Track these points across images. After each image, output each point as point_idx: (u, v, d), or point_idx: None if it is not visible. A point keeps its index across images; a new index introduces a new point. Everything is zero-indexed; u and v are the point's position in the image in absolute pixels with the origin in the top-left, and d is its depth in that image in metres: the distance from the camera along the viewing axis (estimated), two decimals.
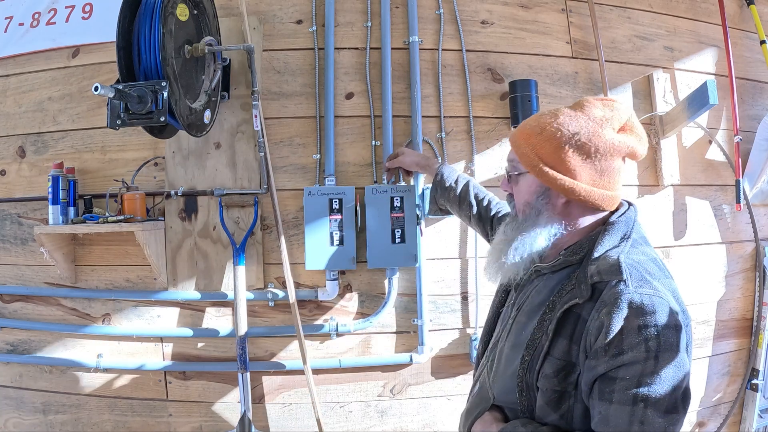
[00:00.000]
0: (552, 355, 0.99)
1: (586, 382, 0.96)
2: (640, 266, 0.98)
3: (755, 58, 2.37)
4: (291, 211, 2.03)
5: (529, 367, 1.03)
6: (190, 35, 1.73)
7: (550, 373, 0.99)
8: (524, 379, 1.03)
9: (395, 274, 1.99)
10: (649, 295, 0.93)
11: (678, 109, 2.08)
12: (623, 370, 0.90)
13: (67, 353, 2.08)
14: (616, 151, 1.04)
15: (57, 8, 2.10)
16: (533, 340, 1.03)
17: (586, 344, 0.96)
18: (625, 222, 1.06)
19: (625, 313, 0.91)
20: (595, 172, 1.04)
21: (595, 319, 0.94)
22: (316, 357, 2.02)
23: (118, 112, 1.54)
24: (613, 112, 1.05)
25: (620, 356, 0.90)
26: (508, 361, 1.09)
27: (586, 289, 0.98)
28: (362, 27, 2.08)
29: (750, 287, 2.31)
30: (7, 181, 2.14)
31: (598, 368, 0.93)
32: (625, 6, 2.22)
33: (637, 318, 0.90)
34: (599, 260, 1.00)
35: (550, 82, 2.12)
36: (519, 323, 1.11)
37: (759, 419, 2.26)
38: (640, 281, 0.95)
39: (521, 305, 1.14)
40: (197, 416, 2.04)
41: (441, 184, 1.75)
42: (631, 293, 0.92)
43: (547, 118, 1.08)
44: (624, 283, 0.94)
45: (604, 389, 0.92)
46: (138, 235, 1.84)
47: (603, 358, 0.92)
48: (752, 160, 2.24)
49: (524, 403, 1.04)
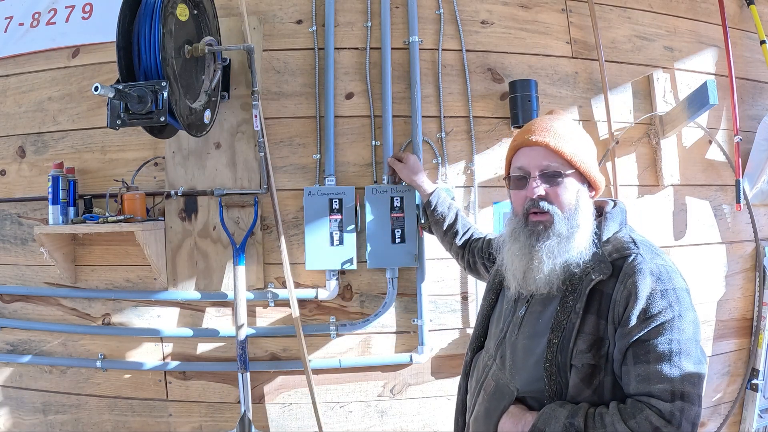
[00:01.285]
0: (583, 331, 1.06)
1: (620, 349, 1.04)
2: (646, 243, 1.12)
3: (755, 58, 2.37)
4: (291, 211, 2.03)
5: (560, 348, 1.08)
6: (190, 35, 1.73)
7: (584, 348, 1.05)
8: (554, 362, 1.08)
9: (395, 274, 1.99)
10: (662, 264, 1.06)
11: (678, 109, 2.08)
12: (654, 332, 1.00)
13: (67, 353, 2.08)
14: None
15: (57, 8, 2.10)
16: (558, 322, 1.09)
17: (614, 315, 1.05)
18: (620, 212, 1.20)
19: (648, 280, 1.03)
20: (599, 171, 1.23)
21: (621, 290, 1.04)
22: (316, 357, 2.02)
23: (118, 112, 1.54)
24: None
25: (651, 320, 1.00)
26: (528, 351, 1.14)
27: (606, 266, 1.08)
28: (362, 27, 2.08)
29: (750, 287, 2.31)
30: (7, 181, 2.14)
31: (632, 334, 1.02)
32: (625, 6, 2.22)
33: (659, 283, 1.03)
34: (611, 241, 1.13)
35: (550, 82, 2.12)
36: (533, 313, 1.17)
37: (759, 419, 2.26)
38: (652, 254, 1.08)
39: (529, 297, 1.20)
40: (197, 416, 2.04)
41: (431, 212, 1.81)
42: (648, 263, 1.05)
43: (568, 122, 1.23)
44: (641, 256, 1.06)
45: (639, 352, 1.01)
46: (138, 235, 1.84)
47: (635, 324, 1.01)
48: (752, 160, 2.24)
49: (553, 387, 1.08)
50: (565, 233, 1.13)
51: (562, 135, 1.18)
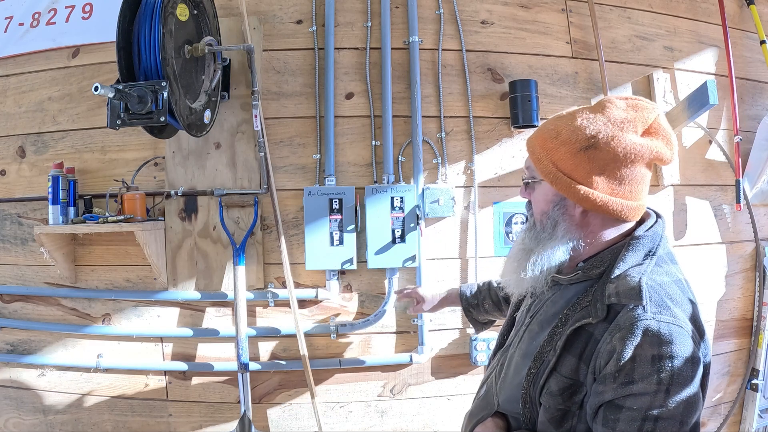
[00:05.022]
0: (559, 371, 0.95)
1: (591, 406, 0.91)
2: (662, 289, 0.91)
3: (755, 58, 2.37)
4: (291, 211, 2.03)
5: (533, 381, 0.98)
6: (190, 35, 1.73)
7: (555, 390, 0.94)
8: (528, 392, 0.99)
9: (395, 274, 1.99)
10: (667, 323, 0.86)
11: (678, 109, 2.08)
12: (631, 400, 0.86)
13: (67, 353, 2.08)
14: (638, 156, 0.94)
15: (57, 8, 2.10)
16: (541, 353, 0.99)
17: (595, 366, 0.91)
18: (652, 237, 0.98)
19: (640, 340, 0.86)
20: (614, 180, 0.95)
21: (608, 342, 0.89)
22: (316, 357, 2.02)
23: (118, 112, 1.54)
24: (636, 112, 0.96)
25: (630, 385, 0.85)
26: (517, 370, 1.05)
27: (601, 308, 0.92)
28: (362, 27, 2.08)
29: (750, 287, 2.31)
30: (7, 181, 2.14)
31: (605, 394, 0.88)
32: (625, 6, 2.22)
33: (652, 347, 0.85)
34: (619, 279, 0.93)
35: (550, 82, 2.12)
36: (531, 332, 1.06)
37: (759, 419, 2.26)
38: (659, 307, 0.88)
39: (535, 313, 1.09)
40: (197, 416, 2.04)
41: (469, 303, 1.56)
42: (648, 320, 0.86)
43: (564, 120, 1.00)
44: (642, 308, 0.88)
45: (609, 416, 0.88)
46: (138, 235, 1.84)
47: (611, 384, 0.87)
48: (752, 160, 2.24)
49: (527, 414, 1.00)
50: (528, 245, 1.04)
51: (540, 136, 1.02)
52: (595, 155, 0.94)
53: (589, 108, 1.00)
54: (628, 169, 0.95)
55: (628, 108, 0.97)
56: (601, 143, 0.94)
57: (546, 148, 1.00)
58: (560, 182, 0.97)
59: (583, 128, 0.96)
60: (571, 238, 0.99)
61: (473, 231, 2.04)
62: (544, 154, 1.00)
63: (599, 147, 0.94)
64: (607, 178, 0.95)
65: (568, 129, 0.97)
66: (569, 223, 1.00)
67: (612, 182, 0.95)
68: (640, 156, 0.95)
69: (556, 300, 1.04)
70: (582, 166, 0.95)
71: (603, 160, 0.94)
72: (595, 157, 0.94)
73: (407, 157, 2.05)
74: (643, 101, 0.99)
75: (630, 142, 0.94)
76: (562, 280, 1.04)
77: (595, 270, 0.99)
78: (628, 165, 0.95)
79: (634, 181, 0.96)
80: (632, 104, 0.98)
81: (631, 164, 0.95)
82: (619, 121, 0.95)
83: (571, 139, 0.96)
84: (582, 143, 0.95)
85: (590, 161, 0.95)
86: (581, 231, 1.00)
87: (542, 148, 1.01)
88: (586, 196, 0.95)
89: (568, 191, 0.97)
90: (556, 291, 1.05)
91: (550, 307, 1.04)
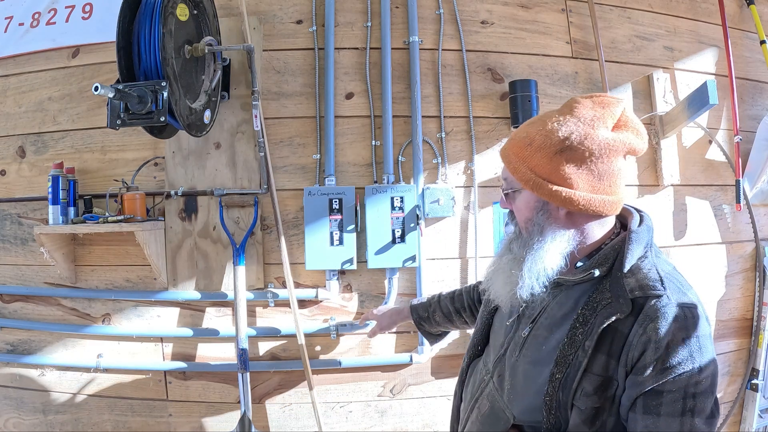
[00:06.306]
0: (591, 371, 0.96)
1: (629, 396, 0.94)
2: (672, 277, 0.97)
3: (755, 58, 2.37)
4: (291, 211, 2.03)
5: (563, 385, 0.98)
6: (190, 35, 1.73)
7: (590, 390, 0.95)
8: (555, 398, 0.98)
9: (395, 274, 1.99)
10: (689, 306, 0.93)
11: (678, 109, 2.08)
12: (670, 383, 0.90)
13: (67, 353, 2.08)
14: (612, 150, 0.96)
15: (57, 8, 2.10)
16: (564, 356, 0.98)
17: (627, 359, 0.93)
18: (647, 231, 1.02)
19: (672, 326, 0.91)
20: (593, 177, 0.97)
21: (640, 334, 0.92)
22: (316, 357, 2.02)
23: (118, 112, 1.54)
24: (604, 108, 0.98)
25: (669, 371, 0.90)
26: (529, 378, 1.04)
27: (625, 303, 0.94)
28: (362, 27, 2.08)
29: (750, 287, 2.31)
30: (7, 181, 2.14)
31: (645, 384, 0.91)
32: (625, 6, 2.22)
33: (682, 331, 0.91)
34: (635, 273, 0.97)
35: (550, 82, 2.12)
36: (537, 337, 1.05)
37: (759, 419, 2.26)
38: (678, 293, 0.94)
39: (536, 318, 1.07)
40: (197, 416, 2.04)
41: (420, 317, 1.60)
42: (674, 306, 0.92)
43: (535, 126, 1.01)
44: (667, 297, 0.93)
45: (650, 403, 0.91)
46: (138, 235, 1.84)
47: (651, 373, 0.91)
48: (752, 160, 2.24)
49: (551, 421, 0.99)
50: (518, 254, 1.04)
51: (514, 145, 1.03)
52: (572, 156, 0.96)
53: (557, 111, 1.02)
54: (605, 165, 0.97)
55: (595, 105, 0.99)
56: (576, 143, 0.95)
57: (521, 156, 1.01)
58: (541, 188, 0.98)
59: (555, 131, 0.97)
60: (562, 241, 1.00)
61: (473, 231, 2.04)
62: (521, 163, 1.01)
63: (574, 147, 0.96)
64: (586, 177, 0.97)
65: (541, 134, 0.98)
66: (556, 226, 1.00)
67: (591, 180, 0.97)
68: (615, 150, 0.97)
69: (562, 302, 1.04)
70: (560, 169, 0.97)
71: (579, 160, 0.96)
72: (572, 157, 0.96)
73: (407, 157, 2.05)
74: (608, 97, 1.00)
75: (603, 138, 0.96)
76: (569, 281, 1.04)
77: (601, 267, 1.00)
78: (604, 160, 0.96)
79: (613, 175, 0.98)
80: (598, 101, 0.99)
81: (607, 159, 0.97)
82: (589, 119, 0.97)
83: (545, 144, 0.97)
84: (557, 146, 0.96)
85: (567, 162, 0.96)
86: (569, 232, 1.01)
87: (518, 157, 1.01)
88: (568, 198, 0.97)
89: (550, 195, 0.98)
90: (558, 293, 1.05)
91: (557, 309, 1.04)
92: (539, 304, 1.07)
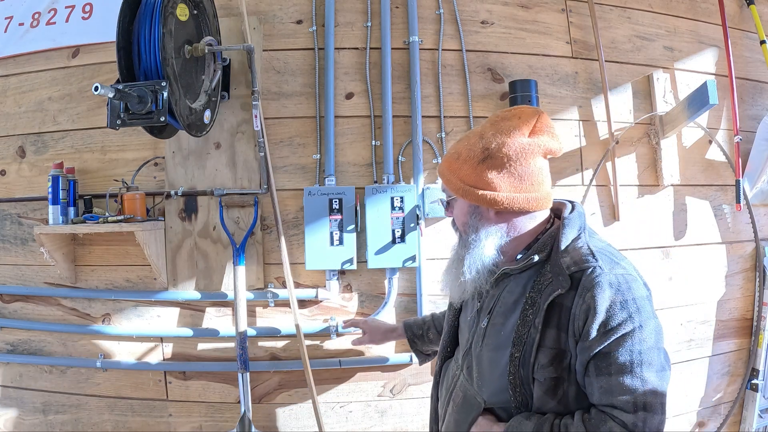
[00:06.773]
0: (544, 345, 1.06)
1: (581, 363, 1.03)
2: (604, 251, 1.09)
3: (755, 58, 2.37)
4: (291, 211, 2.03)
5: (522, 362, 1.08)
6: (190, 35, 1.73)
7: (545, 362, 1.05)
8: (517, 375, 1.08)
9: (395, 274, 1.99)
10: (621, 274, 1.04)
11: (678, 109, 2.08)
12: (615, 344, 0.99)
13: (67, 353, 2.08)
14: (529, 153, 1.10)
15: (57, 8, 2.10)
16: (519, 336, 1.09)
17: (574, 329, 1.04)
18: (578, 216, 1.15)
19: (607, 292, 1.01)
20: (514, 178, 1.10)
21: (580, 304, 1.03)
22: (316, 357, 2.01)
23: (118, 112, 1.54)
24: (520, 119, 1.12)
25: (611, 333, 1.00)
26: (493, 363, 1.15)
27: (564, 279, 1.05)
28: (362, 27, 2.08)
29: (750, 287, 2.31)
30: (7, 181, 2.14)
31: (592, 348, 1.01)
32: (625, 6, 2.22)
33: (618, 294, 1.01)
34: (570, 252, 1.09)
35: (550, 82, 2.12)
36: (495, 325, 1.17)
37: (759, 419, 2.26)
38: (611, 264, 1.06)
39: (492, 308, 1.19)
40: (197, 416, 2.04)
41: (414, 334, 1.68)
42: (607, 274, 1.03)
43: (462, 143, 1.17)
44: (600, 268, 1.04)
45: (601, 365, 1.01)
46: (138, 235, 1.84)
47: (595, 337, 1.00)
48: (752, 160, 2.24)
49: (518, 398, 1.09)
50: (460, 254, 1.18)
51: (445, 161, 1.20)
52: (492, 163, 1.11)
53: (481, 126, 1.18)
54: (523, 167, 1.11)
55: (513, 117, 1.14)
56: (494, 151, 1.11)
57: (452, 169, 1.17)
58: (469, 194, 1.13)
59: (477, 144, 1.13)
60: (494, 236, 1.15)
61: None
62: (452, 175, 1.16)
63: (493, 155, 1.11)
64: (507, 179, 1.11)
65: (466, 148, 1.15)
66: (488, 224, 1.15)
67: (513, 181, 1.11)
68: (531, 152, 1.11)
69: (512, 289, 1.16)
70: (483, 176, 1.12)
71: (499, 165, 1.11)
72: (493, 164, 1.11)
73: (407, 157, 2.05)
74: (525, 108, 1.16)
75: (518, 144, 1.10)
76: (513, 270, 1.16)
77: (540, 253, 1.13)
78: (522, 163, 1.10)
79: (533, 174, 1.12)
80: (515, 113, 1.14)
81: (524, 161, 1.10)
82: (506, 129, 1.12)
83: (470, 156, 1.13)
84: (478, 156, 1.12)
85: (489, 169, 1.11)
86: (501, 228, 1.15)
87: (449, 170, 1.17)
88: (493, 199, 1.11)
89: (478, 200, 1.13)
90: (507, 283, 1.18)
91: (508, 297, 1.16)
92: (493, 296, 1.19)
